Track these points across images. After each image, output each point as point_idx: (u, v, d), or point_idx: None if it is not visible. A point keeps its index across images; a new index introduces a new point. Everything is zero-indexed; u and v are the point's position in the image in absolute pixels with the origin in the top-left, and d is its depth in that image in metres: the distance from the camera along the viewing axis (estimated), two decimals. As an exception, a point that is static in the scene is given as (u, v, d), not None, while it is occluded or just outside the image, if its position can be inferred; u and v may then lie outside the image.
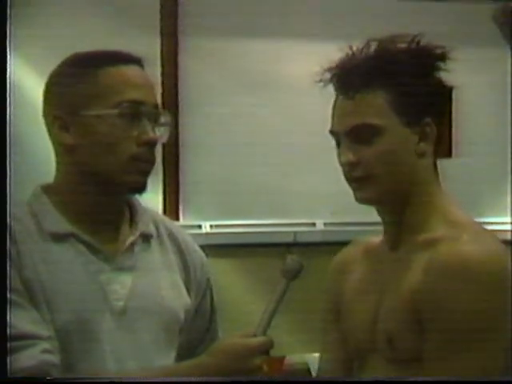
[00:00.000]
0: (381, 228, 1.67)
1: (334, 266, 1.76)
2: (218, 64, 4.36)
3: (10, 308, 1.40)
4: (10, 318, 1.38)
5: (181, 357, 1.61)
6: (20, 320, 1.42)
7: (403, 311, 1.50)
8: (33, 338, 1.42)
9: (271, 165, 4.56)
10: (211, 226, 4.11)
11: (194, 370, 1.47)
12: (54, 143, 1.59)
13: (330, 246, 1.80)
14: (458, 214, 1.58)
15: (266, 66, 4.59)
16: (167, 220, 1.74)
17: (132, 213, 1.63)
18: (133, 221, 1.62)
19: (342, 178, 1.66)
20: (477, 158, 4.67)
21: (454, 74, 1.67)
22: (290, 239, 4.65)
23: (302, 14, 4.53)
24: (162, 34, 4.18)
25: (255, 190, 4.49)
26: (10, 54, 1.44)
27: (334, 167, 1.67)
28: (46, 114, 1.58)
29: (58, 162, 1.60)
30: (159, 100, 1.62)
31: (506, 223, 4.71)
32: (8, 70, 1.43)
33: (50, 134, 1.58)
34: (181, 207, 4.11)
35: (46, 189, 1.60)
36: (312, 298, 1.83)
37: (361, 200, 1.60)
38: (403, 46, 1.58)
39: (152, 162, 1.58)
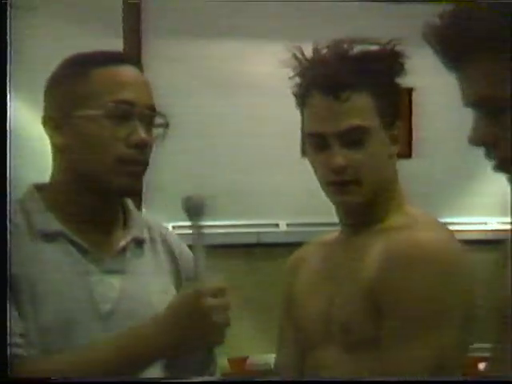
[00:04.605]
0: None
1: (288, 264, 1.76)
2: (182, 65, 4.37)
3: (10, 308, 1.38)
4: (11, 318, 1.37)
5: (168, 365, 1.57)
6: None
7: (360, 299, 1.52)
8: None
9: (235, 166, 4.57)
10: (173, 228, 4.10)
11: (152, 325, 1.42)
12: (50, 144, 1.59)
13: (293, 247, 1.81)
14: (414, 208, 1.61)
15: (230, 66, 4.60)
16: (162, 226, 1.72)
17: (126, 217, 1.61)
18: (126, 225, 1.60)
19: (305, 179, 1.65)
20: (436, 159, 4.72)
21: (413, 75, 1.69)
22: (253, 240, 4.66)
23: (266, 15, 4.55)
24: (124, 35, 4.18)
25: (218, 191, 4.49)
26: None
27: (298, 168, 1.68)
28: (43, 116, 1.58)
29: (53, 162, 1.59)
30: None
31: (465, 223, 4.77)
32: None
33: (47, 135, 1.58)
34: (143, 208, 4.10)
35: (40, 187, 1.59)
36: (275, 298, 1.84)
37: (345, 203, 1.58)
38: (380, 48, 1.58)
39: (142, 164, 1.55)
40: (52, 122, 1.55)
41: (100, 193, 1.54)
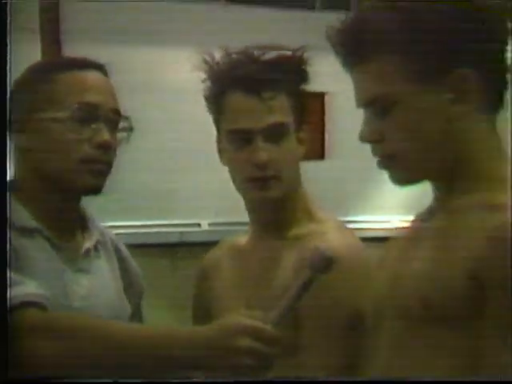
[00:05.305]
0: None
1: (200, 270, 1.79)
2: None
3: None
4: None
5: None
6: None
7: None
8: (22, 280, 1.41)
9: (157, 166, 4.59)
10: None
11: (189, 335, 1.36)
12: (14, 146, 1.60)
13: (215, 246, 1.86)
14: (320, 211, 1.66)
15: (150, 70, 4.62)
16: (111, 233, 1.74)
17: (84, 220, 1.64)
18: (86, 227, 1.63)
19: (226, 179, 1.71)
20: (347, 161, 4.83)
21: (326, 80, 1.75)
22: (176, 239, 4.69)
23: (184, 21, 4.59)
24: (42, 40, 4.16)
25: (141, 191, 4.50)
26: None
27: (219, 169, 1.73)
28: (7, 120, 1.57)
29: (16, 162, 1.61)
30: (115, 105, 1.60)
31: (370, 222, 4.90)
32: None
33: (11, 139, 1.58)
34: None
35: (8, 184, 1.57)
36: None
37: (264, 199, 1.61)
38: (289, 54, 1.63)
39: (106, 164, 1.58)
40: (16, 124, 1.57)
41: (64, 192, 1.57)
